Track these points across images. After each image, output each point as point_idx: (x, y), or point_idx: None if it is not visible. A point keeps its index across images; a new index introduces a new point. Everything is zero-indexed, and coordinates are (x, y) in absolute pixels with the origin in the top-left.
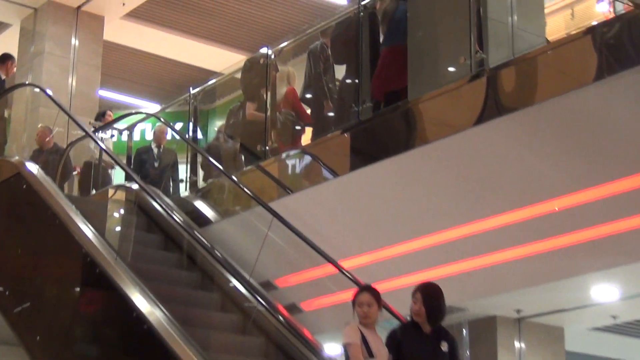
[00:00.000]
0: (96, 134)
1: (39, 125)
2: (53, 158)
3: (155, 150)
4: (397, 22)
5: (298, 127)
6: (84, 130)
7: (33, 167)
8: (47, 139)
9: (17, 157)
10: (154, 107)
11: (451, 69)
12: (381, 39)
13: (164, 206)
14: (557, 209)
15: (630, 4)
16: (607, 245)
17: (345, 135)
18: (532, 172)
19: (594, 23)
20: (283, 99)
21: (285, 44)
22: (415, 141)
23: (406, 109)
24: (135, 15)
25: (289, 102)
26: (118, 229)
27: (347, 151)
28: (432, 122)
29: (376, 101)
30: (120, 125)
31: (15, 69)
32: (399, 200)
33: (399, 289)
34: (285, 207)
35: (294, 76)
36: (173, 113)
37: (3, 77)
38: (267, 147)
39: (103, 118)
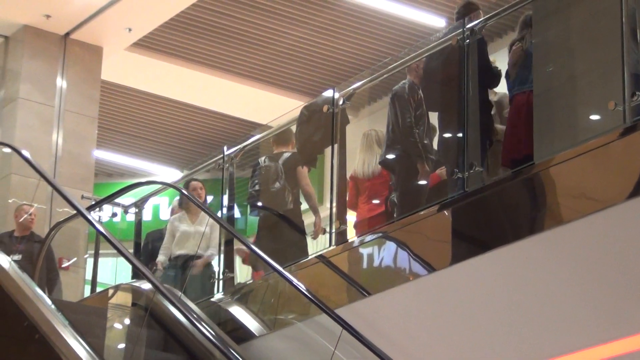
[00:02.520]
0: (92, 212)
1: (13, 201)
2: (33, 247)
3: None
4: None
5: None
6: (74, 206)
7: (3, 260)
8: (26, 219)
9: None
10: (171, 175)
11: (595, 118)
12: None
13: (187, 314)
14: None
15: None
16: None
17: (445, 213)
18: None
19: None
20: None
21: (358, 84)
22: (545, 221)
23: (531, 176)
24: (146, 45)
25: None
26: (122, 346)
27: (448, 236)
28: (569, 195)
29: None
30: (126, 199)
31: None
32: (524, 306)
33: None
34: (360, 315)
35: None
36: (200, 182)
37: None
38: (333, 231)
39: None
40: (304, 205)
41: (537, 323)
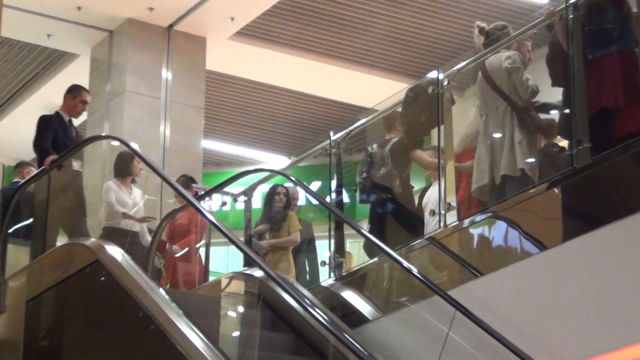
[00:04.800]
0: (202, 201)
1: None
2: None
3: None
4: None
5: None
6: (184, 196)
7: (116, 252)
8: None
9: (93, 239)
10: (279, 162)
11: None
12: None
13: (300, 300)
14: None
15: None
16: None
17: (555, 190)
18: None
19: None
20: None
21: (462, 64)
22: None
23: None
24: (249, 33)
25: None
26: (236, 334)
27: (558, 213)
28: None
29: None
30: (235, 188)
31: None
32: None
33: None
34: (473, 296)
35: None
36: (307, 168)
37: (68, 117)
38: (442, 212)
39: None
40: (415, 188)
41: None
